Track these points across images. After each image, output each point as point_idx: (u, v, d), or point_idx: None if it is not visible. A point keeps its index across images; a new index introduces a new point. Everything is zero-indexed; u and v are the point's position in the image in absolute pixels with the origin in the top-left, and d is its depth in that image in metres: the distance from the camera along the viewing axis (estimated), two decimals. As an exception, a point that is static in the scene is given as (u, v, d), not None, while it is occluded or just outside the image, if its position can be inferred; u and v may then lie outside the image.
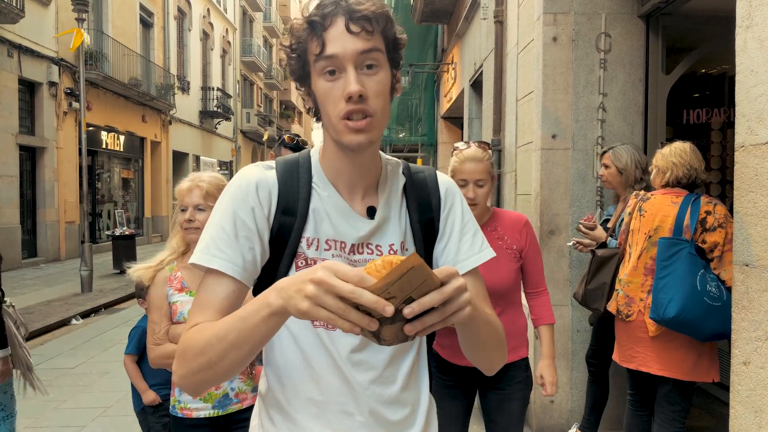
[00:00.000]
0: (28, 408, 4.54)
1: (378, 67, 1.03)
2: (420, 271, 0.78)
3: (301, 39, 1.04)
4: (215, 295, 1.01)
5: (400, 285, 0.78)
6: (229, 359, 0.93)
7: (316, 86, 1.05)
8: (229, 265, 1.02)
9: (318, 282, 0.79)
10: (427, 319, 0.81)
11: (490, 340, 1.08)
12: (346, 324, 0.78)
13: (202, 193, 2.21)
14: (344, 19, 1.00)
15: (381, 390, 1.11)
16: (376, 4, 1.02)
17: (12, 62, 12.40)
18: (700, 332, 2.59)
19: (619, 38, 3.77)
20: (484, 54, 6.26)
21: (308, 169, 1.13)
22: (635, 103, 3.79)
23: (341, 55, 1.00)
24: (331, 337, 1.09)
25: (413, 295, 0.79)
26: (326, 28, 1.00)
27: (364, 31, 1.00)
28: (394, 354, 1.13)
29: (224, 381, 1.00)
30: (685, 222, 2.67)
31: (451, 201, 1.20)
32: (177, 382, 1.01)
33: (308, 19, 1.02)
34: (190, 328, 1.00)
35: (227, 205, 1.07)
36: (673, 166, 2.81)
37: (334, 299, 0.78)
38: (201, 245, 1.04)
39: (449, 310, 0.82)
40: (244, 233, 1.04)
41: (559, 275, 3.84)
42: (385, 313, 0.77)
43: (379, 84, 1.03)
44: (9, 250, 12.23)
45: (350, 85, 0.99)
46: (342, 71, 1.01)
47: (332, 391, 1.09)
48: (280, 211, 1.08)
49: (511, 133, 4.91)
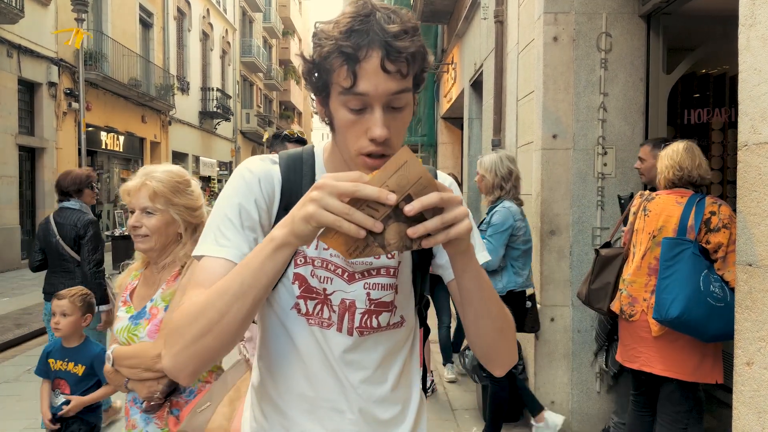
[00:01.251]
0: (29, 408, 4.53)
1: (405, 105, 0.99)
2: (413, 165, 0.81)
3: (327, 61, 0.96)
4: (214, 274, 0.98)
5: (397, 179, 0.81)
6: (231, 314, 0.90)
7: (337, 113, 0.99)
8: (237, 252, 1.00)
9: (320, 186, 0.83)
10: (429, 223, 0.84)
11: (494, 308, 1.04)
12: (352, 226, 0.81)
13: (149, 193, 1.82)
14: (380, 54, 0.92)
15: (372, 389, 1.12)
16: (414, 41, 0.95)
17: (11, 62, 12.38)
18: (703, 333, 2.58)
19: (620, 38, 3.76)
20: (484, 54, 6.26)
21: (312, 166, 1.12)
22: (636, 103, 3.78)
23: (372, 95, 0.94)
24: (325, 336, 1.09)
25: (412, 193, 0.82)
26: (359, 60, 0.93)
27: (399, 73, 0.94)
28: (386, 354, 1.13)
29: (223, 351, 0.95)
30: (690, 222, 2.66)
31: None
32: (168, 364, 0.95)
33: (340, 47, 0.93)
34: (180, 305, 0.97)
35: (232, 196, 1.05)
36: (665, 168, 2.81)
37: (338, 201, 0.81)
38: (208, 237, 1.03)
39: (448, 217, 0.84)
40: (248, 224, 1.03)
41: (560, 276, 3.83)
42: (388, 201, 0.80)
43: (404, 122, 1.00)
44: (8, 250, 12.22)
45: (377, 129, 0.95)
46: (368, 107, 0.96)
47: (324, 388, 1.09)
48: (282, 208, 1.07)
49: (512, 132, 4.91)
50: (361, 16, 0.94)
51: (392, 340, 1.15)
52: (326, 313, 1.09)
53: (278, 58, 40.52)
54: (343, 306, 1.09)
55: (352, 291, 1.09)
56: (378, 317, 1.11)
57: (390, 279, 1.12)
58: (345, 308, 1.09)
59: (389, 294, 1.12)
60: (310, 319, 1.09)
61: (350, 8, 0.96)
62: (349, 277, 1.09)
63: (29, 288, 10.20)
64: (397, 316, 1.14)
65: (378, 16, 0.94)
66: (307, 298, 1.09)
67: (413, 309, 1.20)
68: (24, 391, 5.00)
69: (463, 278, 0.99)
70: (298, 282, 1.08)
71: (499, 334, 1.08)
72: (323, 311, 1.09)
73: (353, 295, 1.09)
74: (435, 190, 0.83)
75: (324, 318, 1.09)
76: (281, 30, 39.84)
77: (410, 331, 1.19)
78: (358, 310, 1.10)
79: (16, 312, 8.12)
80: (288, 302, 1.09)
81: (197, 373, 0.96)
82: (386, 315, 1.12)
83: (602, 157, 3.77)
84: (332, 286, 1.09)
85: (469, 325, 1.07)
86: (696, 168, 2.77)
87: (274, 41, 39.33)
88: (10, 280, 10.99)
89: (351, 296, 1.09)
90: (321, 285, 1.09)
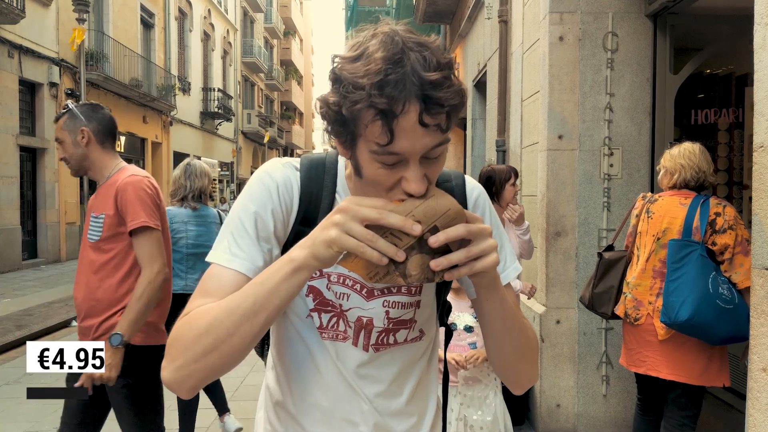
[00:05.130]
0: (28, 411, 4.50)
1: (441, 154, 0.90)
2: (444, 196, 0.79)
3: (357, 114, 0.84)
4: (223, 285, 0.94)
5: (423, 209, 0.79)
6: (240, 333, 0.86)
7: (366, 164, 0.89)
8: (250, 265, 0.96)
9: (344, 210, 0.81)
10: (453, 255, 0.81)
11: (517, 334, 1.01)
12: (375, 253, 0.78)
13: None
14: (418, 107, 0.81)
15: (387, 403, 1.08)
16: (454, 89, 0.84)
17: (12, 63, 12.36)
18: (712, 336, 2.55)
19: (627, 38, 3.73)
20: (488, 54, 6.22)
21: (334, 176, 1.06)
22: (643, 104, 3.75)
23: (409, 152, 0.85)
24: (338, 351, 1.06)
25: (438, 224, 0.80)
26: (396, 116, 0.81)
27: (438, 127, 0.84)
28: (402, 368, 1.10)
29: (228, 368, 0.91)
30: (695, 224, 2.63)
31: (480, 214, 1.12)
32: (169, 377, 0.90)
33: (373, 103, 0.81)
34: (186, 314, 0.93)
35: (249, 203, 1.00)
36: (681, 168, 2.77)
37: (361, 227, 0.79)
38: (222, 243, 0.99)
39: (474, 250, 0.82)
40: (264, 234, 0.99)
41: (566, 277, 3.80)
42: (413, 231, 0.78)
43: (439, 169, 0.92)
44: (9, 251, 12.20)
45: (413, 184, 0.86)
46: (403, 161, 0.86)
47: (338, 399, 1.06)
48: (298, 220, 1.03)
49: (516, 133, 4.87)
50: (394, 62, 0.82)
51: (409, 354, 1.11)
52: (342, 326, 1.05)
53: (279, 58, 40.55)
54: (360, 323, 1.05)
55: (371, 308, 1.05)
56: (396, 334, 1.08)
57: (411, 297, 1.07)
58: (361, 326, 1.05)
59: (409, 312, 1.08)
60: (323, 332, 1.05)
61: (379, 50, 0.83)
62: (367, 294, 1.05)
63: (30, 289, 10.18)
64: (416, 332, 1.10)
65: (412, 58, 0.83)
66: (322, 311, 1.05)
67: (435, 319, 1.16)
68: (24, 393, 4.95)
69: (485, 306, 0.96)
70: (312, 295, 1.04)
71: (519, 359, 1.05)
72: (338, 324, 1.05)
73: (371, 313, 1.05)
74: (464, 221, 0.80)
75: (339, 331, 1.05)
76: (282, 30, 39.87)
77: (429, 342, 1.15)
78: (376, 329, 1.06)
79: (17, 313, 8.09)
80: (303, 311, 1.06)
81: (198, 389, 0.93)
82: (404, 332, 1.09)
83: (608, 157, 3.73)
84: (349, 303, 1.05)
85: (490, 346, 1.04)
86: (710, 173, 2.76)
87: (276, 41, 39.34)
88: (11, 281, 10.96)
89: (369, 314, 1.05)
90: (337, 300, 1.05)
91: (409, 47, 0.84)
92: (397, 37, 0.85)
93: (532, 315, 3.92)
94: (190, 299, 0.97)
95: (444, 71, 0.84)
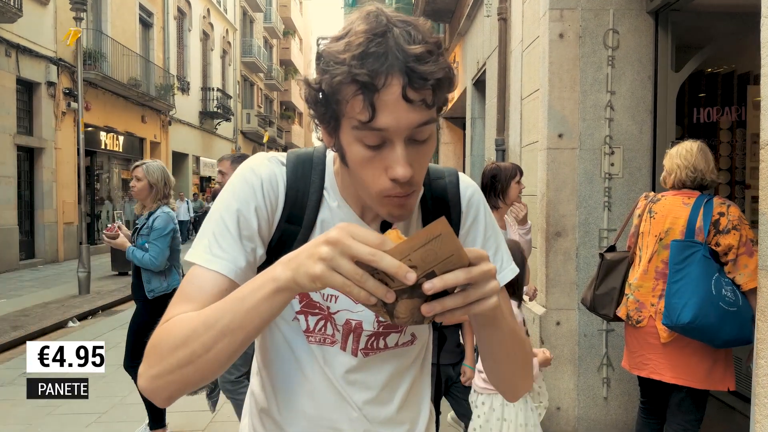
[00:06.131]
0: (21, 414, 4.44)
1: (429, 137, 0.86)
2: (447, 241, 0.70)
3: (338, 90, 0.82)
4: (203, 289, 0.89)
5: (422, 254, 0.70)
6: (217, 350, 0.80)
7: (350, 148, 0.86)
8: (231, 266, 0.91)
9: (334, 243, 0.72)
10: (448, 301, 0.74)
11: (515, 355, 0.98)
12: (362, 293, 0.71)
13: None
14: (401, 81, 0.79)
15: (376, 410, 1.03)
16: (440, 64, 0.81)
17: (10, 62, 12.31)
18: (715, 338, 2.50)
19: (628, 35, 3.67)
20: (487, 52, 6.18)
21: (321, 172, 1.00)
22: (644, 102, 3.69)
23: (393, 129, 0.81)
24: (326, 356, 1.01)
25: (436, 269, 0.71)
26: (377, 90, 0.79)
27: (423, 103, 0.81)
28: (393, 374, 1.04)
29: (206, 381, 0.87)
30: (698, 224, 2.57)
31: (474, 213, 1.07)
32: (145, 385, 0.87)
33: (354, 75, 0.79)
34: (166, 321, 0.88)
35: (231, 199, 0.95)
36: (677, 168, 2.72)
37: (351, 263, 0.71)
38: (202, 242, 0.93)
39: (474, 295, 0.74)
40: (246, 233, 0.94)
41: (566, 278, 3.74)
42: (406, 280, 0.69)
43: (427, 156, 0.89)
44: (7, 251, 12.15)
45: (399, 168, 0.83)
46: (387, 142, 0.83)
47: (326, 406, 1.01)
48: (284, 218, 0.98)
49: (516, 132, 4.83)
50: (376, 35, 0.79)
51: (401, 360, 1.06)
52: (329, 329, 1.00)
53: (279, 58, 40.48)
54: (348, 327, 1.00)
55: (360, 311, 1.00)
56: (386, 338, 1.02)
57: None
58: (350, 329, 1.00)
59: None
60: (310, 336, 1.00)
61: (361, 24, 0.81)
62: None
63: (27, 289, 10.13)
64: (407, 336, 1.05)
65: (396, 33, 0.80)
66: (309, 313, 1.00)
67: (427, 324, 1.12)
68: (18, 395, 4.90)
69: (482, 333, 0.93)
70: (299, 296, 0.99)
71: (516, 372, 1.01)
72: (326, 328, 1.00)
73: (360, 316, 1.00)
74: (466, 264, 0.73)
75: (327, 335, 1.00)
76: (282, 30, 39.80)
77: (422, 346, 1.10)
78: (365, 333, 1.01)
79: (13, 314, 8.03)
80: (289, 313, 1.01)
81: (175, 399, 0.88)
82: (395, 336, 1.03)
83: (609, 156, 3.68)
84: (337, 305, 0.99)
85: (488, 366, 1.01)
86: (710, 172, 2.68)
87: (275, 41, 39.28)
88: (7, 281, 10.91)
89: (358, 317, 1.00)
90: (325, 302, 1.00)
91: (393, 23, 0.81)
92: (382, 15, 0.82)
93: (531, 316, 3.87)
94: (170, 303, 0.91)
95: (429, 46, 0.81)
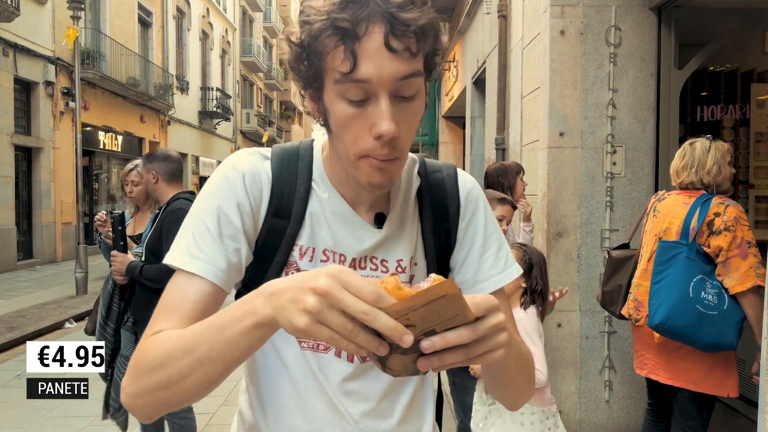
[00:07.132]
0: (14, 417, 4.39)
1: (416, 94, 0.82)
2: (452, 302, 0.62)
3: (319, 41, 0.79)
4: (185, 298, 0.84)
5: (423, 313, 0.62)
6: (195, 378, 0.75)
7: (333, 107, 0.82)
8: (210, 268, 0.85)
9: (322, 294, 0.63)
10: (448, 357, 0.66)
11: (519, 377, 0.92)
12: (351, 346, 0.64)
13: None
14: (383, 28, 0.76)
15: (375, 424, 0.96)
16: (424, 12, 0.78)
17: (7, 61, 12.26)
18: (693, 341, 2.47)
19: (630, 31, 3.61)
20: (487, 50, 6.12)
21: (309, 163, 0.96)
22: (647, 100, 3.63)
23: (376, 80, 0.78)
24: (320, 362, 0.94)
25: (437, 327, 0.64)
26: (359, 37, 0.76)
27: (407, 51, 0.78)
28: (392, 384, 0.97)
29: (187, 403, 0.82)
30: (692, 224, 2.53)
31: (472, 208, 1.02)
32: (126, 401, 0.82)
33: (334, 21, 0.76)
34: (150, 336, 0.83)
35: (210, 198, 0.90)
36: (681, 168, 2.68)
37: (340, 316, 0.63)
38: (180, 243, 0.88)
39: (478, 350, 0.67)
40: (228, 232, 0.88)
41: (567, 279, 3.68)
42: (402, 343, 0.62)
43: (415, 115, 0.84)
44: (4, 251, 12.10)
45: (383, 123, 0.78)
46: (371, 97, 0.79)
47: (320, 420, 0.94)
48: (271, 212, 0.92)
49: (516, 131, 4.77)
50: None
51: None
52: None
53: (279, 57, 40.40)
54: None
55: None
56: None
57: None
58: None
59: None
60: (303, 341, 0.93)
61: None
62: None
63: (24, 290, 10.07)
64: None
65: None
66: None
67: None
68: (12, 397, 4.85)
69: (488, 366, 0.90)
70: None
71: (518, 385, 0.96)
72: None
73: None
74: (470, 319, 0.65)
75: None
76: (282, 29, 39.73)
77: None
78: None
79: (9, 315, 7.98)
80: None
81: (156, 417, 0.83)
82: None
83: (611, 155, 3.62)
84: None
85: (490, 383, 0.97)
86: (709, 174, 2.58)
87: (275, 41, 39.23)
88: (5, 281, 10.86)
89: None
90: None
91: None
92: None
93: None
94: (154, 314, 0.85)
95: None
